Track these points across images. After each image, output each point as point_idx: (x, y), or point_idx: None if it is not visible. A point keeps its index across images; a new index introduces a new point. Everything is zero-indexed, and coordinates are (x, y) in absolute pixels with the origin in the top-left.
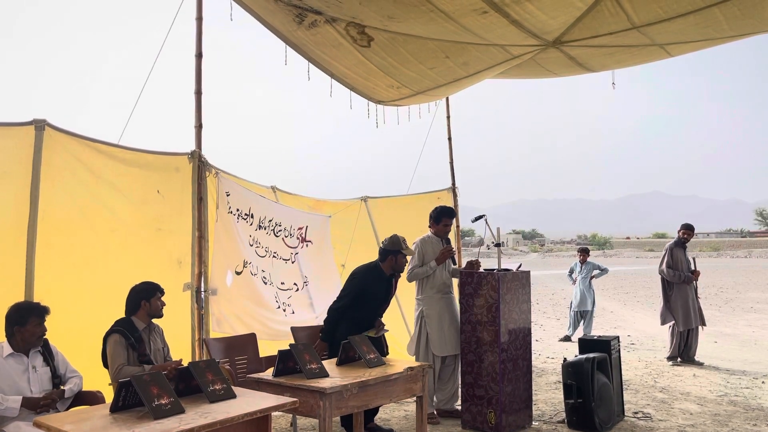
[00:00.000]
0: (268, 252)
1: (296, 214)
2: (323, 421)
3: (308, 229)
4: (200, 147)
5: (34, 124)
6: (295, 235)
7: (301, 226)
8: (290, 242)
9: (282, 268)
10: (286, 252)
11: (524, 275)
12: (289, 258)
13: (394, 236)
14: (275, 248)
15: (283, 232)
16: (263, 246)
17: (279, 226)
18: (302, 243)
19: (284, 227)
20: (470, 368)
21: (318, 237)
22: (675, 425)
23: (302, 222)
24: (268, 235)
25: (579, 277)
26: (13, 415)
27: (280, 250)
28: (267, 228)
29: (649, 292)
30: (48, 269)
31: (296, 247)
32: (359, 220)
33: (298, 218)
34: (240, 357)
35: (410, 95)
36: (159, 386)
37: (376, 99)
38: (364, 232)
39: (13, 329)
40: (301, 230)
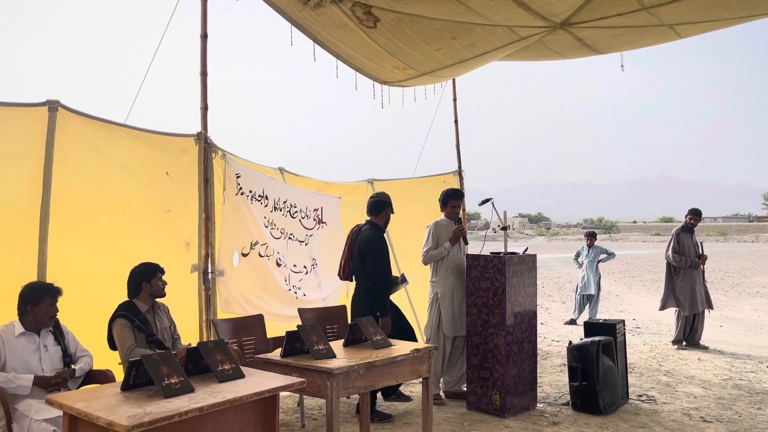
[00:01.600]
0: (283, 233)
1: (310, 196)
2: (330, 401)
3: (323, 210)
4: (206, 128)
5: (47, 105)
6: (311, 216)
7: (316, 207)
8: (307, 223)
9: (296, 249)
10: (301, 233)
11: (530, 258)
12: (303, 240)
13: (381, 192)
14: (291, 230)
15: (299, 214)
16: (278, 227)
17: (294, 208)
18: (318, 224)
19: (300, 208)
20: (476, 350)
21: (332, 218)
22: (679, 408)
23: (317, 203)
24: (284, 216)
25: (586, 261)
26: (25, 393)
27: (297, 231)
28: (282, 209)
29: (655, 276)
30: (60, 250)
31: (312, 229)
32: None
33: (313, 200)
34: (247, 338)
35: (416, 76)
36: (169, 366)
37: (381, 80)
38: None
39: (27, 308)
40: (317, 211)
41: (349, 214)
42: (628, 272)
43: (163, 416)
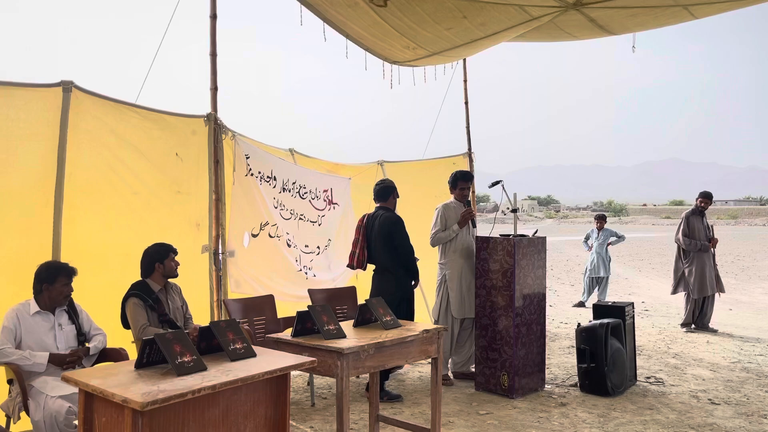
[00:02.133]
0: (293, 214)
1: (319, 177)
2: (340, 380)
3: (333, 191)
4: (216, 110)
5: (61, 86)
6: (321, 197)
7: (326, 188)
8: (317, 204)
9: (308, 230)
10: (313, 214)
11: (540, 241)
12: (316, 220)
13: (386, 179)
14: (302, 210)
15: (309, 195)
16: (288, 208)
17: (304, 189)
18: (329, 205)
19: (309, 189)
20: (484, 332)
21: (343, 199)
22: (687, 390)
23: (326, 184)
24: (293, 197)
25: (595, 243)
26: (40, 370)
27: (308, 212)
28: (291, 190)
29: (664, 259)
30: (74, 230)
31: (323, 209)
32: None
33: (322, 181)
34: (258, 318)
35: (426, 56)
36: (182, 344)
37: (391, 60)
38: None
39: (42, 287)
40: (327, 192)
41: (359, 198)
42: (637, 255)
43: (177, 393)
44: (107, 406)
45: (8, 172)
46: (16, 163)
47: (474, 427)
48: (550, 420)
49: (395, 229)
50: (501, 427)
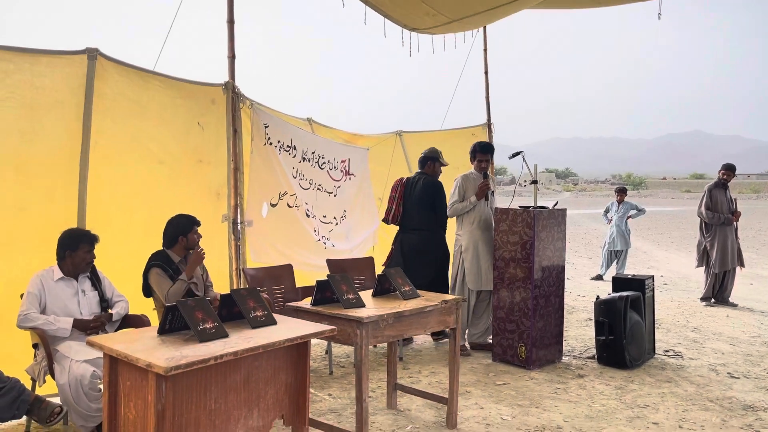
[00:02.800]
0: (312, 184)
1: (337, 147)
2: (360, 348)
3: (350, 161)
4: (234, 78)
5: (86, 53)
6: (339, 168)
7: (343, 158)
8: (335, 175)
9: (325, 200)
10: (330, 184)
11: (560, 213)
12: (332, 191)
13: (432, 148)
14: (320, 180)
15: (327, 165)
16: (307, 178)
17: (323, 158)
18: (346, 176)
19: (328, 159)
20: (502, 303)
21: (359, 170)
22: (705, 363)
23: (344, 155)
24: (312, 167)
25: (615, 216)
26: (64, 335)
27: (325, 182)
28: (311, 160)
29: (684, 233)
30: (98, 198)
31: (340, 180)
32: (394, 154)
33: (340, 151)
34: (277, 287)
35: (446, 23)
36: (203, 311)
37: (410, 26)
38: (398, 166)
39: (65, 254)
40: (344, 163)
41: (377, 168)
42: (656, 229)
43: (199, 359)
44: (132, 371)
45: (34, 140)
46: (42, 131)
47: (491, 397)
48: (567, 391)
49: (437, 191)
50: (518, 397)
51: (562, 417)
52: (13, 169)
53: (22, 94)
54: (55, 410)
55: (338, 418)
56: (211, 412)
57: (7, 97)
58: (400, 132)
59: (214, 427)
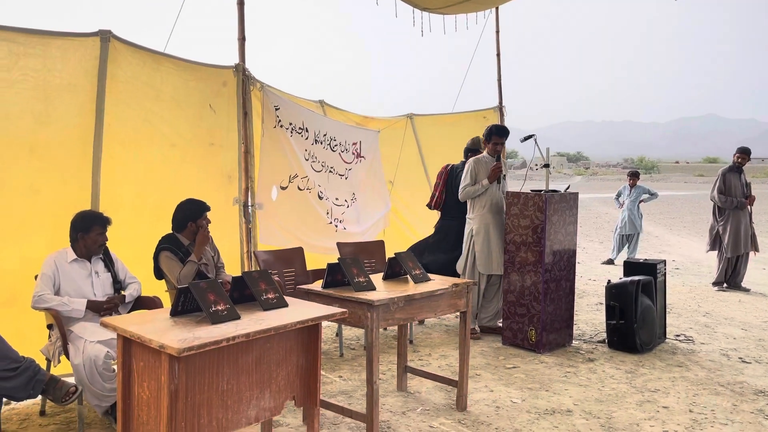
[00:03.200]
0: (324, 166)
1: (349, 129)
2: (370, 331)
3: (362, 144)
4: (244, 60)
5: (99, 36)
6: (350, 150)
7: (355, 141)
8: (346, 157)
9: (337, 183)
10: (341, 167)
11: (572, 197)
12: (343, 174)
13: (475, 138)
14: (332, 163)
15: (339, 147)
16: (319, 160)
17: (334, 141)
18: (357, 158)
19: (339, 142)
20: (513, 287)
21: (370, 153)
22: (717, 348)
23: (356, 137)
24: (324, 149)
25: (627, 200)
26: (78, 316)
27: (337, 165)
28: (323, 142)
29: (696, 217)
30: (112, 181)
31: (351, 163)
32: (405, 137)
33: (352, 133)
34: (288, 269)
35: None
36: (215, 293)
37: (422, 6)
38: (409, 149)
39: (78, 235)
40: (356, 145)
41: (389, 151)
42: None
43: (212, 341)
44: (145, 352)
45: (47, 122)
46: (55, 113)
47: (501, 380)
48: (577, 375)
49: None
50: (528, 380)
51: (572, 400)
52: (27, 151)
53: (35, 76)
54: (70, 390)
55: (349, 399)
56: (224, 392)
57: (20, 79)
58: (411, 115)
59: (227, 408)
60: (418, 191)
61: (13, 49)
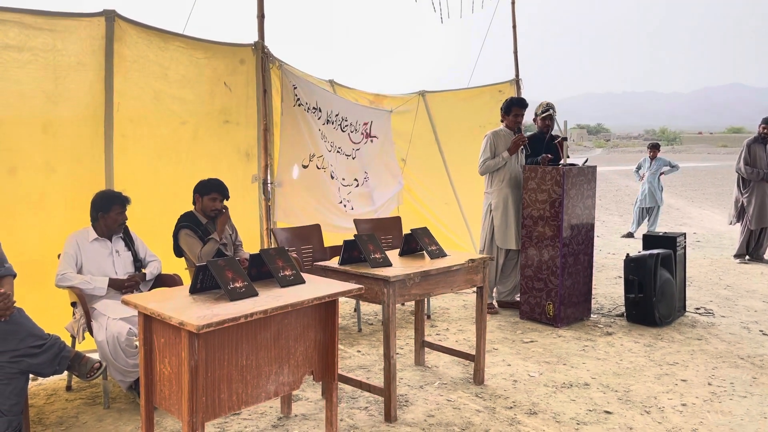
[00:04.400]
0: (333, 147)
1: (360, 109)
2: (387, 307)
3: (372, 124)
4: (263, 38)
5: (104, 15)
6: (360, 131)
7: (366, 121)
8: (354, 137)
9: (344, 163)
10: (348, 147)
11: (590, 170)
12: (350, 154)
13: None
14: (340, 143)
15: (349, 127)
16: (329, 140)
17: (345, 121)
18: (366, 138)
19: (350, 122)
20: (530, 262)
21: (382, 132)
22: (737, 321)
23: (367, 117)
24: (335, 129)
25: (647, 173)
26: (101, 294)
27: (344, 145)
28: (334, 122)
29: (719, 189)
30: (125, 159)
31: (359, 143)
32: (418, 114)
33: (363, 113)
34: (306, 246)
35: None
36: (233, 271)
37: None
38: (422, 127)
39: (98, 215)
40: (366, 125)
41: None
42: (690, 185)
43: (230, 317)
44: (165, 328)
45: (59, 101)
46: (66, 92)
47: (518, 354)
48: (595, 348)
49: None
50: (545, 354)
51: (590, 374)
52: (40, 129)
53: (45, 56)
54: (95, 365)
55: (367, 373)
56: (243, 368)
57: (30, 60)
58: (423, 92)
59: (246, 383)
60: (431, 169)
61: (23, 30)
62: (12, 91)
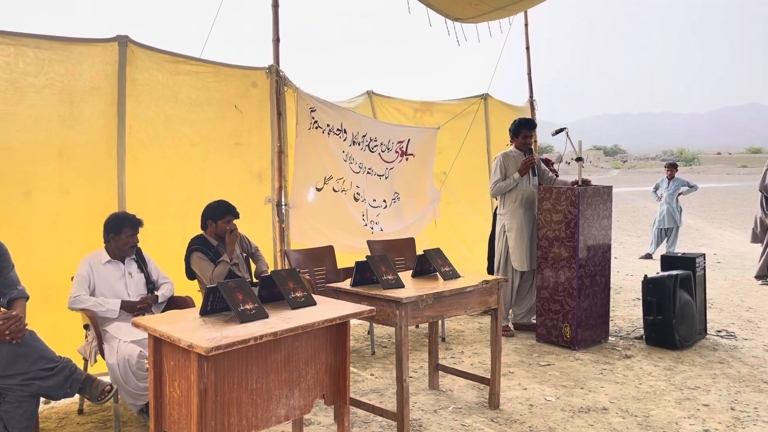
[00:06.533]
0: (362, 168)
1: (393, 129)
2: (399, 329)
3: (410, 142)
4: (278, 62)
5: (117, 41)
6: (393, 149)
7: (401, 139)
8: (387, 156)
9: (376, 184)
10: (381, 167)
11: (606, 190)
12: (383, 174)
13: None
14: (370, 164)
15: (379, 147)
16: (357, 162)
17: (374, 141)
18: (401, 156)
19: (381, 142)
20: (546, 283)
21: (422, 150)
22: (760, 344)
23: (402, 135)
24: (362, 150)
25: (665, 193)
26: (113, 316)
27: (376, 165)
28: (361, 143)
29: (738, 210)
30: (137, 181)
31: (392, 162)
32: (476, 119)
33: (397, 132)
34: (319, 268)
35: (489, 11)
36: (244, 293)
37: (453, 17)
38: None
39: (109, 236)
40: (401, 143)
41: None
42: (709, 206)
43: (240, 340)
44: (175, 351)
45: (74, 125)
46: (80, 116)
47: (535, 377)
48: (613, 372)
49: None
50: (562, 378)
51: (608, 398)
52: (56, 153)
53: (61, 81)
54: (106, 388)
55: (380, 397)
56: (253, 391)
57: (46, 84)
58: (486, 96)
59: (256, 406)
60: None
61: (39, 55)
62: (29, 116)
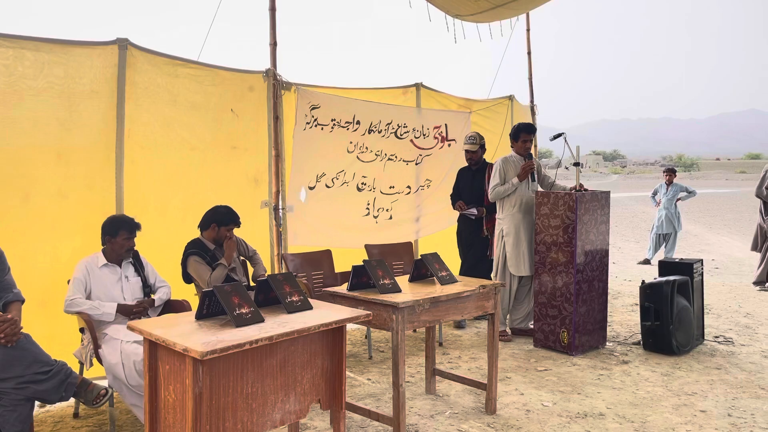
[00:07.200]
0: (380, 155)
1: (425, 113)
2: (396, 333)
3: (448, 126)
4: (275, 66)
5: (117, 44)
6: (431, 134)
7: (438, 124)
8: (423, 143)
9: (400, 170)
10: (411, 153)
11: (603, 195)
12: (413, 159)
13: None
14: (394, 150)
15: (411, 133)
16: (373, 150)
17: (404, 128)
18: (442, 142)
19: (413, 128)
20: (544, 288)
21: (459, 135)
22: (758, 350)
23: (438, 120)
24: (384, 137)
25: (664, 198)
26: (109, 320)
27: (403, 152)
28: (384, 131)
29: (737, 215)
30: (135, 185)
31: (432, 148)
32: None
33: (431, 117)
34: (316, 272)
35: (489, 9)
36: (240, 296)
37: (453, 13)
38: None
39: (106, 239)
40: (439, 128)
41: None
42: (708, 211)
43: (235, 344)
44: (170, 355)
45: (72, 129)
46: (79, 120)
47: (532, 382)
48: (611, 377)
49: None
50: (560, 383)
51: (605, 404)
52: (54, 156)
53: (60, 84)
54: (101, 392)
55: (377, 402)
56: (248, 395)
57: (45, 87)
58: (513, 97)
59: (251, 411)
60: None
61: (38, 58)
62: (27, 119)
